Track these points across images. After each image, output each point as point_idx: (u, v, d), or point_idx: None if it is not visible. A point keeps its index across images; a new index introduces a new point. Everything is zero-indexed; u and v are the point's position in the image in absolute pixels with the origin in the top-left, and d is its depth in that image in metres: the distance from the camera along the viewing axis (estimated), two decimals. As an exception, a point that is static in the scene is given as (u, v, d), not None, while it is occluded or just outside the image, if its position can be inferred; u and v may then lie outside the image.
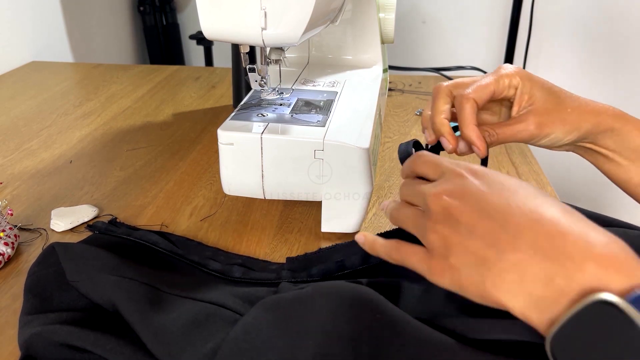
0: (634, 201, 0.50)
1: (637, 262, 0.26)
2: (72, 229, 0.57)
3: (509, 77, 0.45)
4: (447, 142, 0.46)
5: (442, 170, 0.34)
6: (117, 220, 0.57)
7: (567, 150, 0.50)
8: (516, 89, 0.46)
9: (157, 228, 0.57)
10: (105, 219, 0.58)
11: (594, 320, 0.24)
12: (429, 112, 0.47)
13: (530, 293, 0.27)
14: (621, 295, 0.24)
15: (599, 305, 0.24)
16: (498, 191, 0.31)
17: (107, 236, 0.53)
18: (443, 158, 0.36)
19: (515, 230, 0.29)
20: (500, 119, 0.50)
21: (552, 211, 0.29)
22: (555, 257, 0.27)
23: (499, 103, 0.49)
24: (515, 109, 0.46)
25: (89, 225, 0.56)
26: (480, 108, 0.45)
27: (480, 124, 0.45)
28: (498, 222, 0.29)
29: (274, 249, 0.54)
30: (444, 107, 0.46)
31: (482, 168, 0.33)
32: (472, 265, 0.30)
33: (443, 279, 0.31)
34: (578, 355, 0.25)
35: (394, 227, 0.41)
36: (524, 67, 1.61)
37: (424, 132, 0.49)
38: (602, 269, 0.26)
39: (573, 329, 0.25)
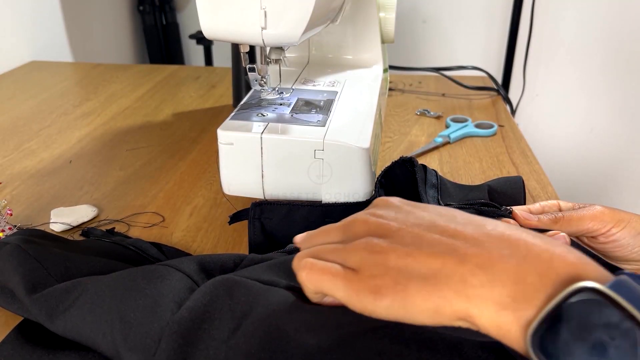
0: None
1: (598, 265, 0.26)
2: (71, 229, 0.56)
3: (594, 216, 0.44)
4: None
5: (343, 230, 0.33)
6: (115, 230, 0.56)
7: None
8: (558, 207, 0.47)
9: (157, 222, 0.57)
10: (104, 227, 0.58)
11: (578, 308, 0.24)
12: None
13: (501, 294, 0.25)
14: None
15: (581, 293, 0.24)
16: (426, 205, 0.31)
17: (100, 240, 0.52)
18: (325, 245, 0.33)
19: (472, 238, 0.28)
20: None
21: (497, 225, 0.29)
22: (523, 257, 0.26)
23: None
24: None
25: (83, 231, 0.55)
26: None
27: None
28: (449, 234, 0.28)
29: (274, 249, 0.54)
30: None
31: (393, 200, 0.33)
32: (422, 276, 0.27)
33: (379, 301, 0.28)
34: (564, 347, 0.24)
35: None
36: (524, 67, 1.61)
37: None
38: (570, 265, 0.25)
39: (557, 320, 0.24)
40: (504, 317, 0.25)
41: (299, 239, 0.37)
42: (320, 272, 0.30)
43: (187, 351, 0.33)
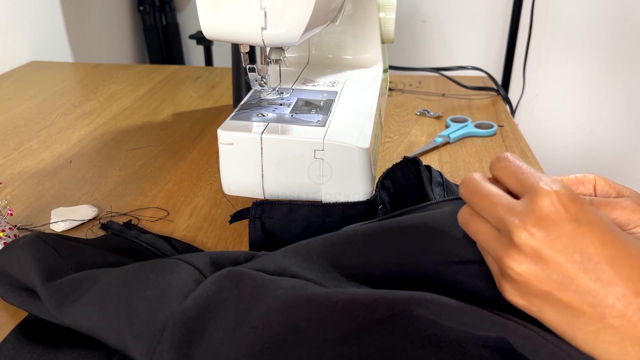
0: None
1: None
2: (71, 229, 0.57)
3: (583, 178, 0.42)
4: None
5: (526, 187, 0.30)
6: (132, 222, 0.58)
7: None
8: (594, 186, 0.42)
9: (162, 216, 0.57)
10: (121, 220, 0.58)
11: None
12: None
13: (629, 354, 0.26)
14: None
15: None
16: (597, 233, 0.28)
17: (117, 237, 0.53)
18: (527, 166, 0.31)
19: (621, 292, 0.27)
20: None
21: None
22: None
23: None
24: None
25: (102, 224, 0.57)
26: None
27: None
28: (600, 279, 0.27)
29: (274, 249, 0.54)
30: None
31: (575, 195, 0.29)
32: (560, 311, 0.28)
33: (516, 302, 0.30)
34: None
35: None
36: (524, 67, 1.61)
37: None
38: None
39: None
40: None
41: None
42: (478, 232, 0.31)
43: (191, 340, 0.33)
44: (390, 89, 0.99)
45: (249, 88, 0.80)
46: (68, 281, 0.39)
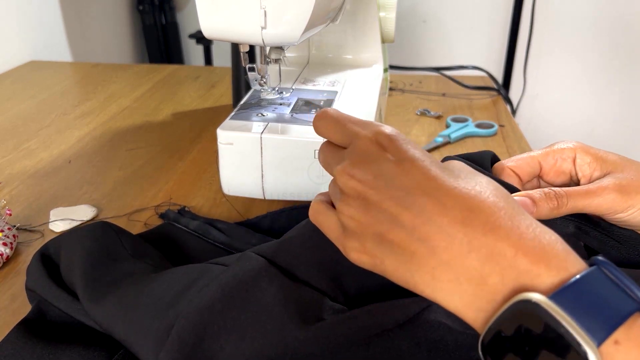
0: None
1: (568, 253, 0.25)
2: (71, 229, 0.56)
3: (562, 150, 0.40)
4: None
5: (348, 136, 0.30)
6: (186, 208, 0.59)
7: None
8: (574, 160, 0.40)
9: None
10: (174, 208, 0.59)
11: (521, 320, 0.24)
12: None
13: (466, 291, 0.26)
14: (549, 291, 0.24)
15: (524, 305, 0.24)
16: (416, 168, 0.27)
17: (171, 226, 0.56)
18: (347, 117, 0.31)
19: (447, 224, 0.26)
20: None
21: (486, 196, 0.27)
22: (489, 254, 0.25)
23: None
24: (583, 182, 0.40)
25: (161, 214, 0.58)
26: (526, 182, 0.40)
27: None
28: (423, 213, 0.26)
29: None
30: None
31: (394, 133, 0.29)
32: (395, 255, 0.27)
33: (361, 261, 0.29)
34: (507, 356, 0.24)
35: None
36: (524, 67, 1.61)
37: None
38: (533, 264, 0.24)
39: (502, 330, 0.24)
40: (466, 314, 0.26)
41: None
42: (321, 221, 0.32)
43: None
44: (390, 89, 0.98)
45: (248, 88, 0.80)
46: (111, 277, 0.41)
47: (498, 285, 0.25)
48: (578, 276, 0.24)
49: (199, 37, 1.60)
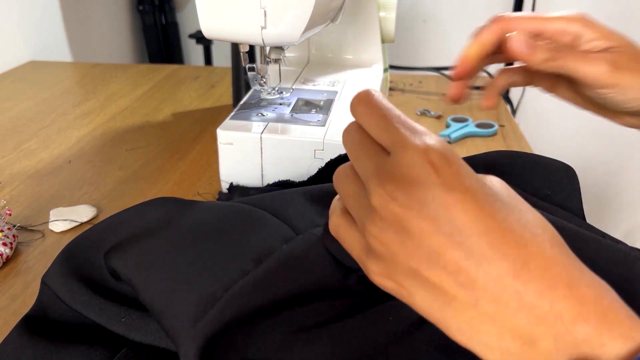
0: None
1: (631, 317, 0.22)
2: (71, 229, 0.56)
3: (565, 17, 0.40)
4: (458, 67, 0.39)
5: (391, 139, 0.25)
6: (233, 184, 0.58)
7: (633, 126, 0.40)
8: (574, 32, 0.39)
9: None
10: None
11: None
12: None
13: (508, 349, 0.22)
14: None
15: None
16: (471, 201, 0.23)
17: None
18: (394, 112, 0.26)
19: (498, 274, 0.22)
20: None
21: (542, 245, 0.23)
22: (543, 315, 0.22)
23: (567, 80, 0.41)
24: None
25: (220, 192, 0.58)
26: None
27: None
28: (472, 256, 0.23)
29: (274, 250, 0.54)
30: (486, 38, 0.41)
31: (449, 153, 0.24)
32: (429, 295, 0.24)
33: (384, 286, 0.25)
34: None
35: None
36: (524, 67, 1.61)
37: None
38: (594, 331, 0.21)
39: None
40: None
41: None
42: (343, 237, 0.28)
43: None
44: (390, 89, 0.98)
45: (248, 88, 0.80)
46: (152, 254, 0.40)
47: (551, 351, 0.22)
48: None
49: (199, 37, 1.60)
